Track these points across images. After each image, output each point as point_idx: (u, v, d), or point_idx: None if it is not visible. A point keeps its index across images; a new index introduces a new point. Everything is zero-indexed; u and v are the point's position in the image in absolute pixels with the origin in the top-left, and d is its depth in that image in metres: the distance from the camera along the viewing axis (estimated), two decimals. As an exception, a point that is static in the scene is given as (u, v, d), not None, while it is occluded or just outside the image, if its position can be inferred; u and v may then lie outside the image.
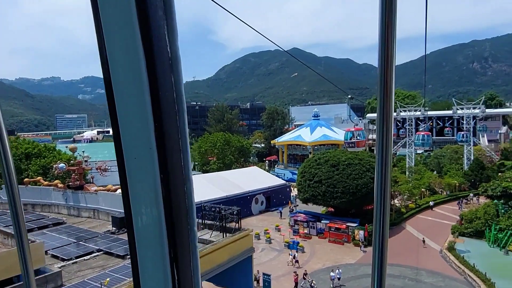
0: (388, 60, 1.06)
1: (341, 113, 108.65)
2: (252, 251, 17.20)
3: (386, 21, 1.04)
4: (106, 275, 12.99)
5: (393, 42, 1.07)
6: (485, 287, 22.01)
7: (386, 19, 1.04)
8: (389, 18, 1.04)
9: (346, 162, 33.94)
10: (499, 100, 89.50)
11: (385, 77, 1.07)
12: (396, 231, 35.09)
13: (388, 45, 1.06)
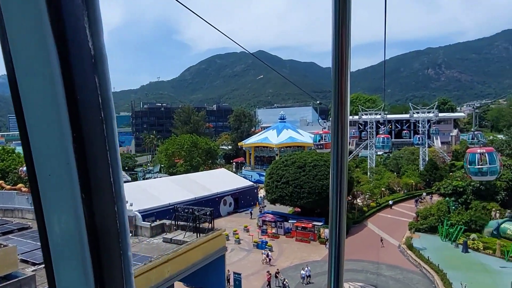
0: (343, 64, 1.09)
1: (306, 115, 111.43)
2: (225, 250, 17.83)
3: (340, 27, 1.07)
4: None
5: (348, 48, 1.09)
6: (438, 277, 23.94)
7: (340, 26, 1.07)
8: (343, 24, 1.07)
9: (312, 163, 35.33)
10: (451, 104, 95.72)
11: (340, 82, 1.10)
12: (358, 229, 36.92)
13: (342, 51, 1.08)
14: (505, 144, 49.41)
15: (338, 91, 1.10)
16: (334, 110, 1.14)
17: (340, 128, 1.14)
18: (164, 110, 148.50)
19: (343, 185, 1.21)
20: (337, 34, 1.06)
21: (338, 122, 1.14)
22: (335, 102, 1.12)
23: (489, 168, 22.03)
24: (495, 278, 23.26)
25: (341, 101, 1.12)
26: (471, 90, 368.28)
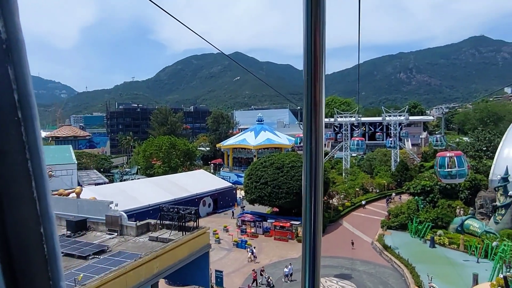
0: (316, 66, 1.06)
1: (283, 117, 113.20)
2: (209, 247, 18.66)
3: (313, 27, 1.04)
4: (73, 274, 13.63)
5: (322, 49, 1.05)
6: (407, 271, 25.62)
7: (312, 25, 1.04)
8: (316, 24, 1.04)
9: (290, 164, 36.57)
10: (421, 108, 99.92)
11: (313, 84, 1.08)
12: (334, 227, 38.46)
13: (316, 52, 1.05)
14: (469, 146, 52.53)
15: (311, 93, 1.10)
16: (306, 112, 1.15)
17: (314, 130, 1.15)
18: (140, 111, 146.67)
19: (318, 185, 1.20)
20: (310, 33, 1.06)
21: (312, 124, 1.14)
22: (307, 104, 1.12)
23: (457, 171, 23.63)
24: (458, 270, 25.16)
25: (315, 102, 1.12)
26: (440, 94, 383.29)
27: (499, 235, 28.23)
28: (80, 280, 12.03)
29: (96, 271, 13.66)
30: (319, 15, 1.04)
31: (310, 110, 1.11)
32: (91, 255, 15.78)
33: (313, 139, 1.14)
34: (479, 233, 29.44)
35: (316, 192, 1.19)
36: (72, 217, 20.20)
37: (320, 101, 1.10)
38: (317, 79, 1.08)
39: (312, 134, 1.14)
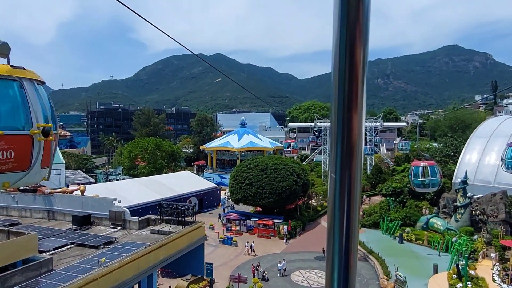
0: (356, 65, 0.98)
1: (265, 121, 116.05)
2: (205, 239, 20.99)
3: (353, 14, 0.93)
4: (90, 260, 15.73)
5: (364, 40, 0.96)
6: (378, 263, 28.67)
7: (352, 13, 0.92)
8: (358, 12, 0.92)
9: (273, 167, 39.17)
10: (395, 114, 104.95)
11: (351, 85, 1.00)
12: (313, 226, 41.34)
13: (355, 46, 0.96)
14: (438, 152, 56.72)
15: (347, 94, 1.00)
16: (340, 111, 1.03)
17: (353, 133, 1.03)
18: (122, 111, 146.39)
19: (357, 181, 1.08)
20: (346, 22, 0.93)
21: (345, 127, 1.02)
22: (339, 105, 1.02)
23: (430, 180, 25.19)
24: (422, 262, 28.40)
25: (355, 104, 1.01)
26: (416, 100, 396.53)
27: (459, 231, 31.74)
28: (103, 262, 14.18)
29: (110, 258, 15.79)
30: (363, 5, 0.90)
31: (345, 110, 1.01)
32: (102, 245, 17.85)
33: (351, 144, 1.03)
34: (442, 230, 32.91)
35: (354, 192, 1.07)
36: (76, 213, 22.10)
37: (361, 99, 1.01)
38: (358, 77, 0.98)
39: (347, 139, 1.03)
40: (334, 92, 1.05)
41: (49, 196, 23.76)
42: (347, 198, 1.08)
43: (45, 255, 15.38)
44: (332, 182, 1.09)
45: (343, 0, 0.95)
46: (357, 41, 0.95)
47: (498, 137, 39.32)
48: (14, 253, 14.05)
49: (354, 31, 0.94)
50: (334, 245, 1.13)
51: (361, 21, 0.94)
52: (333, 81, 1.04)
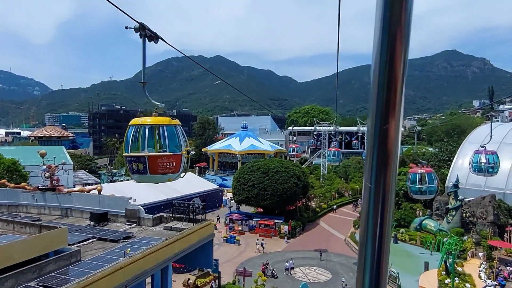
0: (396, 68, 0.95)
1: (265, 124, 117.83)
2: (213, 236, 22.75)
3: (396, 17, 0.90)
4: (113, 252, 17.49)
5: (405, 41, 0.94)
6: (373, 261, 30.42)
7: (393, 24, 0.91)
8: (401, 14, 0.91)
9: (275, 169, 40.94)
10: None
11: (390, 88, 0.97)
12: (312, 226, 43.14)
13: (396, 49, 0.94)
14: (433, 156, 58.61)
15: (385, 103, 0.98)
16: (374, 121, 1.01)
17: (388, 141, 1.02)
18: (123, 113, 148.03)
19: (391, 186, 1.06)
20: (389, 24, 0.91)
21: (381, 136, 1.01)
22: (377, 114, 1.00)
23: (428, 187, 25.00)
24: (414, 261, 30.24)
25: (392, 113, 0.99)
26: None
27: (450, 232, 33.57)
28: (128, 252, 15.94)
29: (134, 249, 17.55)
30: (405, 10, 0.90)
31: (382, 119, 0.99)
32: (121, 239, 19.62)
33: (387, 147, 1.01)
34: (434, 231, 34.74)
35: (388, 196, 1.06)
36: (94, 210, 23.86)
37: (399, 108, 0.99)
38: (397, 80, 0.95)
39: (383, 143, 1.01)
40: (372, 99, 1.03)
41: (67, 194, 25.50)
42: (381, 207, 1.07)
43: (73, 247, 17.14)
44: (367, 190, 1.08)
45: (385, 8, 0.93)
46: (398, 48, 0.94)
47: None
48: (47, 244, 15.79)
49: (395, 38, 0.92)
50: (367, 252, 1.11)
51: (403, 26, 0.92)
52: (372, 89, 1.02)
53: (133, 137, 9.02)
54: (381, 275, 1.14)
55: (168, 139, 8.74)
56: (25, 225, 18.47)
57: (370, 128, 1.05)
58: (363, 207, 1.15)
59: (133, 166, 8.89)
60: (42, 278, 14.45)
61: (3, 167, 37.66)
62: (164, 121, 8.92)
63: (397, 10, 0.90)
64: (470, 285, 24.20)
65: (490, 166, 25.27)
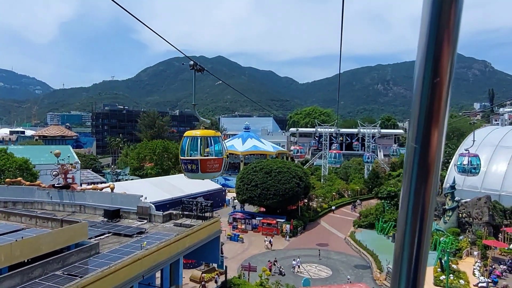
0: (443, 65, 0.92)
1: (267, 125, 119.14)
2: (220, 232, 23.99)
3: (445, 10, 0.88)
4: (129, 245, 18.74)
5: (454, 37, 0.91)
6: (372, 259, 31.69)
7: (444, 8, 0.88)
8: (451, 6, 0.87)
9: (277, 170, 42.16)
10: (393, 121, 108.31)
11: (434, 88, 0.94)
12: (313, 226, 44.37)
13: (443, 46, 0.90)
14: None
15: (429, 96, 0.93)
16: (415, 128, 0.97)
17: (431, 142, 0.96)
18: (126, 113, 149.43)
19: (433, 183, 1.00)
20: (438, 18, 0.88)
21: (423, 144, 0.96)
22: (419, 120, 0.95)
23: None
24: (412, 259, 31.39)
25: (436, 119, 0.94)
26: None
27: (447, 232, 34.77)
28: (145, 245, 17.20)
29: (149, 242, 18.78)
30: (454, 12, 0.88)
31: (425, 126, 0.94)
32: (135, 234, 20.87)
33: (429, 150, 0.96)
34: (431, 230, 35.85)
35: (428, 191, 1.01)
36: (107, 207, 25.11)
37: (443, 114, 0.95)
38: (443, 91, 0.93)
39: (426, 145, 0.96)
40: (414, 104, 0.97)
41: (81, 192, 26.78)
42: (420, 221, 1.01)
43: (92, 240, 18.40)
44: (405, 204, 1.02)
45: (433, 11, 0.89)
46: (445, 48, 0.90)
47: (486, 146, 42.48)
48: (69, 237, 17.04)
49: (442, 37, 0.89)
50: (402, 268, 1.05)
51: (451, 28, 0.89)
52: (415, 92, 0.96)
53: (188, 145, 11.85)
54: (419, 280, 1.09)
55: (214, 147, 11.69)
56: (47, 220, 19.73)
57: (410, 139, 1.01)
58: (400, 220, 1.07)
59: (188, 167, 11.77)
60: (66, 268, 15.71)
61: (15, 166, 38.89)
62: (210, 133, 11.94)
63: (447, 13, 0.89)
64: (464, 282, 25.43)
65: (472, 167, 27.66)
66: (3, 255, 14.06)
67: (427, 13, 0.90)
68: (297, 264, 30.54)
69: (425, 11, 0.90)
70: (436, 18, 0.89)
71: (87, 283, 13.70)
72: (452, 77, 0.93)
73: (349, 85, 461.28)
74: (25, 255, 14.93)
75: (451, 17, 0.89)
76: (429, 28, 0.89)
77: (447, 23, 0.89)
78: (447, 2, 0.89)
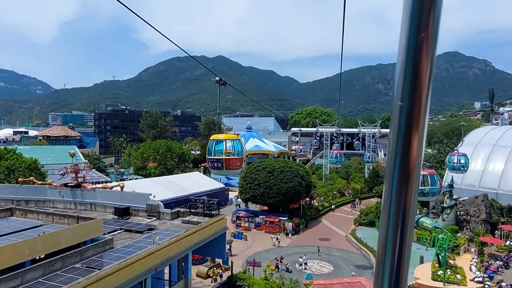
0: (422, 59, 0.92)
1: (269, 125, 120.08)
2: (226, 229, 24.98)
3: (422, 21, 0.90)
4: (141, 241, 19.74)
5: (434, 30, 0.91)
6: (372, 255, 32.68)
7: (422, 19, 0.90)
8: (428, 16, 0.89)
9: (280, 169, 43.16)
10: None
11: (414, 80, 0.93)
12: (315, 224, 45.38)
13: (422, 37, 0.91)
14: (432, 158, 60.78)
15: (408, 112, 0.94)
16: (396, 132, 0.98)
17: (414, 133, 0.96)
18: (128, 113, 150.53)
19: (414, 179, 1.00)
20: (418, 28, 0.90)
21: (404, 149, 0.97)
22: (400, 124, 0.96)
23: (430, 189, 25.59)
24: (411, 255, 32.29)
25: (416, 124, 0.95)
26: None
27: (445, 229, 35.72)
28: (157, 240, 18.21)
29: (161, 238, 19.79)
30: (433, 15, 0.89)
31: (406, 130, 0.95)
32: (146, 231, 21.88)
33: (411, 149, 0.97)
34: (430, 228, 36.87)
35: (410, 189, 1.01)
36: (117, 205, 26.12)
37: (423, 118, 0.96)
38: (422, 74, 0.92)
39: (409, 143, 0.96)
40: (394, 108, 0.97)
41: (91, 191, 27.80)
42: (401, 222, 1.02)
43: (107, 236, 19.42)
44: (386, 207, 1.03)
45: (413, 10, 0.90)
46: (424, 53, 0.91)
47: (484, 145, 43.44)
48: (86, 233, 18.06)
49: (421, 42, 0.90)
50: (385, 261, 1.05)
51: (430, 32, 0.90)
52: (395, 96, 0.97)
53: (214, 146, 14.57)
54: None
55: (235, 148, 14.44)
56: (63, 217, 20.75)
57: (391, 140, 1.00)
58: (382, 225, 1.06)
59: (214, 165, 14.82)
60: (84, 262, 16.72)
61: (24, 166, 39.93)
62: (232, 137, 15.33)
63: (426, 15, 0.89)
64: (461, 276, 26.39)
65: (461, 165, 29.22)
66: (27, 249, 15.08)
67: (407, 18, 0.92)
68: (303, 262, 31.26)
69: (404, 15, 0.92)
70: (415, 23, 0.91)
71: (106, 274, 14.71)
72: (431, 81, 0.95)
73: (349, 84, 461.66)
74: (46, 249, 15.94)
75: (430, 22, 0.90)
76: (409, 33, 0.91)
77: (426, 29, 0.91)
78: (426, 7, 0.90)
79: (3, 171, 38.37)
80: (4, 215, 22.79)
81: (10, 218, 22.56)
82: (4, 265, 14.28)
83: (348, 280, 22.84)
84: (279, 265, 30.52)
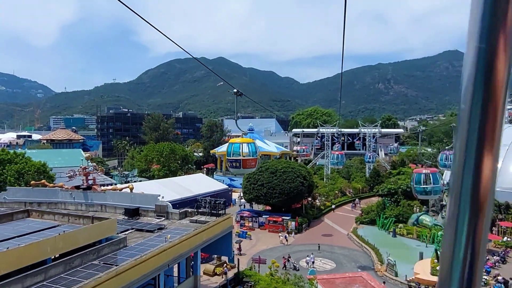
0: (499, 59, 0.74)
1: (270, 126, 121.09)
2: (232, 228, 26.00)
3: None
4: (152, 239, 20.78)
5: None
6: (373, 252, 33.65)
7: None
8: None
9: (282, 169, 44.16)
10: (394, 120, 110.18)
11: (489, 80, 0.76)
12: (317, 223, 46.36)
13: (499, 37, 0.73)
14: (431, 157, 61.76)
15: (481, 113, 0.79)
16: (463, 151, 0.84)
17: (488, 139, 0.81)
18: (131, 116, 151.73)
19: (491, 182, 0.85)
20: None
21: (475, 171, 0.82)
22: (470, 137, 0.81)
23: (433, 187, 25.32)
24: (411, 252, 33.40)
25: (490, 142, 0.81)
26: (416, 105, 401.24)
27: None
28: (168, 238, 19.24)
29: (172, 236, 20.82)
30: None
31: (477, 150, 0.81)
32: (156, 230, 22.91)
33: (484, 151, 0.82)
34: (430, 225, 37.89)
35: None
36: (127, 206, 27.16)
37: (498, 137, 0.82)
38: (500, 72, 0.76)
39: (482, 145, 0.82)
40: (461, 123, 0.82)
41: (102, 192, 28.85)
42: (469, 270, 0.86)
43: (120, 235, 20.46)
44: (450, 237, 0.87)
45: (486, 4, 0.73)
46: (501, 51, 0.75)
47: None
48: (101, 232, 19.10)
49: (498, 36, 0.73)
50: (453, 271, 0.88)
51: (508, 23, 0.72)
52: (463, 111, 0.82)
53: (232, 149, 16.81)
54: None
55: (251, 150, 16.46)
56: (79, 217, 21.80)
57: (457, 161, 0.86)
58: (443, 262, 0.93)
59: (233, 164, 16.83)
60: (100, 259, 17.77)
61: (33, 169, 41.01)
62: (248, 140, 17.12)
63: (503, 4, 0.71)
64: (459, 271, 27.32)
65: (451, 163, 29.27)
66: (49, 247, 16.14)
67: (479, 7, 0.74)
68: (311, 260, 31.86)
69: (475, 4, 0.74)
70: (489, 12, 0.73)
71: (123, 270, 15.74)
72: (507, 89, 0.78)
73: (350, 84, 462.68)
74: (66, 247, 16.99)
75: (509, 9, 0.72)
76: (481, 24, 0.73)
77: (504, 17, 0.73)
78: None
79: (13, 175, 39.45)
80: (22, 216, 23.86)
81: (28, 219, 23.63)
82: (28, 262, 15.33)
83: (350, 275, 23.83)
84: (287, 264, 31.42)
